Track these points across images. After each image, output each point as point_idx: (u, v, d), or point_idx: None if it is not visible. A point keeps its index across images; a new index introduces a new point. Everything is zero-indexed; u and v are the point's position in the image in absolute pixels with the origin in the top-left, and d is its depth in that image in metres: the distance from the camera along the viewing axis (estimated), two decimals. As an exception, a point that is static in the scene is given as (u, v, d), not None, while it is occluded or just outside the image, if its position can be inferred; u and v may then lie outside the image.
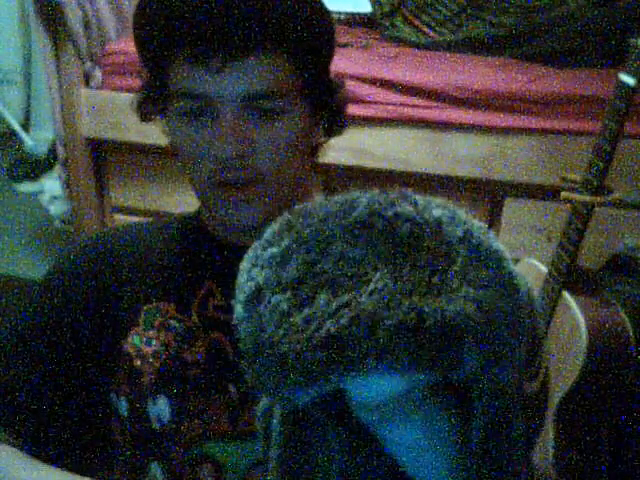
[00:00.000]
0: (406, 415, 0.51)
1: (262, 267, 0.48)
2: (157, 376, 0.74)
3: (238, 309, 0.49)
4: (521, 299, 0.48)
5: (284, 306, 0.46)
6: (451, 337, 0.44)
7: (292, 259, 0.47)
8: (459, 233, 0.48)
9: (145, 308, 0.77)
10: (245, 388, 0.72)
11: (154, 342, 0.75)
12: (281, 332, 0.45)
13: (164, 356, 0.74)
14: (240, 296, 0.49)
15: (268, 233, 0.50)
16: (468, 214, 0.51)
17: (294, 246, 0.48)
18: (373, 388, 0.49)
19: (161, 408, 0.73)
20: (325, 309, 0.44)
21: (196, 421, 0.72)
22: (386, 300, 0.44)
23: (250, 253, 0.51)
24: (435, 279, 0.46)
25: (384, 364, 0.44)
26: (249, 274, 0.49)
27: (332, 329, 0.44)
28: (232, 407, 0.72)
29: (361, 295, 0.45)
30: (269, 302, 0.46)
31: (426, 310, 0.44)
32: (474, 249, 0.48)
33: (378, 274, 0.46)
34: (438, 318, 0.44)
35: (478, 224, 0.51)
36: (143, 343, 0.75)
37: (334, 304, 0.44)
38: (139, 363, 0.75)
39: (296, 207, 0.52)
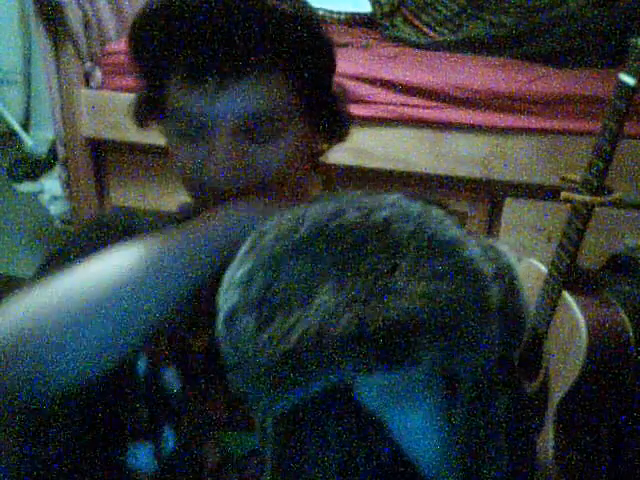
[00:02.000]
0: (406, 400, 0.52)
1: (234, 289, 0.51)
2: (167, 350, 0.74)
3: (218, 328, 0.52)
4: (482, 282, 0.49)
5: (251, 326, 0.49)
6: (397, 338, 0.46)
7: (254, 280, 0.51)
8: (410, 228, 0.50)
9: None
10: None
11: None
12: (251, 351, 0.49)
13: (170, 342, 0.75)
14: (220, 315, 0.52)
15: (239, 253, 0.53)
16: (425, 205, 0.52)
17: (255, 268, 0.51)
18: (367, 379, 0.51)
19: (171, 377, 0.74)
20: (280, 328, 0.48)
21: (197, 409, 0.73)
22: (329, 314, 0.47)
23: (227, 273, 0.53)
24: (379, 283, 0.47)
25: (333, 375, 0.47)
26: (225, 295, 0.52)
27: (285, 348, 0.47)
28: (231, 397, 0.73)
29: (308, 311, 0.48)
30: (240, 323, 0.50)
31: (367, 317, 0.46)
32: (426, 242, 0.49)
33: (324, 288, 0.48)
34: (379, 323, 0.46)
35: (434, 214, 0.51)
36: None
37: (287, 324, 0.48)
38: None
39: (258, 226, 0.54)
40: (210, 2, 0.63)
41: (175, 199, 2.20)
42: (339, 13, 2.44)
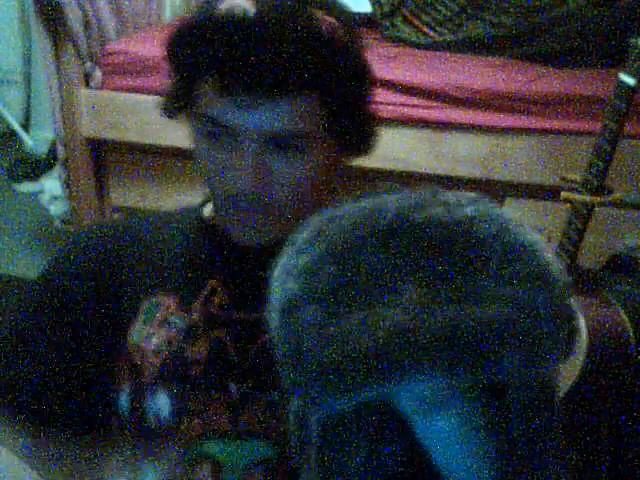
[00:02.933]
0: (443, 405, 0.51)
1: (296, 276, 0.48)
2: (157, 373, 0.74)
3: (273, 317, 0.49)
4: (558, 288, 0.48)
5: (320, 318, 0.46)
6: (488, 342, 0.44)
7: (324, 269, 0.47)
8: (493, 230, 0.48)
9: (146, 303, 0.77)
10: (245, 388, 0.72)
11: (154, 338, 0.75)
12: (319, 343, 0.45)
13: (165, 353, 0.74)
14: (275, 305, 0.49)
15: (299, 240, 0.50)
16: (498, 206, 0.51)
17: (325, 255, 0.47)
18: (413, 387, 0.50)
19: (160, 406, 0.73)
20: (360, 322, 0.45)
21: (196, 420, 0.72)
22: (420, 312, 0.44)
23: (282, 260, 0.50)
24: (468, 284, 0.46)
25: (421, 375, 0.44)
26: (283, 283, 0.49)
27: (369, 344, 0.44)
28: (232, 407, 0.72)
29: (395, 307, 0.45)
30: (305, 312, 0.46)
31: (460, 319, 0.44)
32: (508, 245, 0.48)
33: (411, 285, 0.46)
34: (473, 325, 0.44)
35: (510, 217, 0.50)
36: (143, 339, 0.75)
37: (369, 318, 0.45)
38: (139, 359, 0.75)
39: (325, 211, 0.51)
40: (254, 21, 0.64)
41: (175, 199, 2.20)
42: (339, 13, 2.44)
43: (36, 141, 2.98)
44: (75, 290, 0.78)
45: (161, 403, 0.73)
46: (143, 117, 1.89)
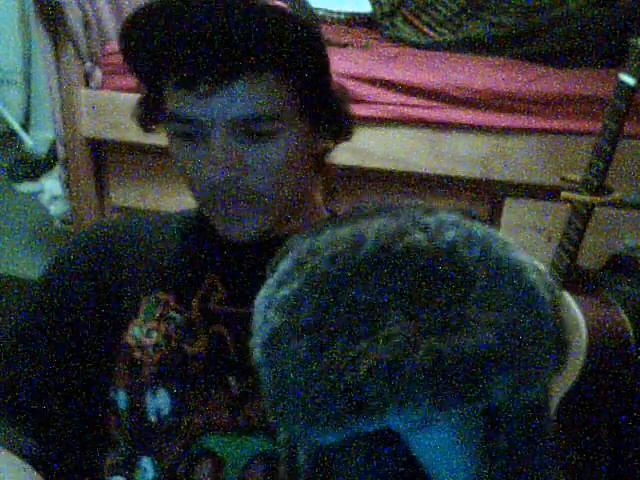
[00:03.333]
0: (437, 420, 0.51)
1: (276, 309, 0.47)
2: (157, 369, 0.74)
3: (256, 353, 0.48)
4: (544, 308, 0.47)
5: (302, 353, 0.45)
6: (473, 372, 0.43)
7: (305, 303, 0.46)
8: (476, 253, 0.47)
9: (145, 299, 0.77)
10: (246, 384, 0.72)
11: (155, 334, 0.75)
12: (302, 380, 0.45)
13: (165, 349, 0.74)
14: (257, 339, 0.48)
15: (279, 271, 0.49)
16: (482, 226, 0.49)
17: (305, 289, 0.47)
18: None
19: (160, 402, 0.73)
20: (342, 358, 0.44)
21: (196, 418, 0.72)
22: (403, 345, 0.44)
23: (263, 292, 0.49)
24: (452, 312, 0.45)
25: (406, 410, 0.44)
26: (264, 316, 0.48)
27: (350, 380, 0.43)
28: (233, 403, 0.72)
29: (377, 341, 0.44)
30: (287, 348, 0.46)
31: (444, 350, 0.43)
32: (492, 268, 0.47)
33: (393, 317, 0.45)
34: (457, 356, 0.43)
35: (495, 237, 0.49)
36: (143, 334, 0.75)
37: (351, 353, 0.44)
38: (139, 355, 0.75)
39: (304, 241, 0.50)
40: (199, 5, 0.62)
41: (175, 199, 2.20)
42: (339, 13, 2.44)
43: (36, 141, 2.98)
44: (75, 290, 0.78)
45: (161, 401, 0.73)
46: (143, 117, 1.88)
